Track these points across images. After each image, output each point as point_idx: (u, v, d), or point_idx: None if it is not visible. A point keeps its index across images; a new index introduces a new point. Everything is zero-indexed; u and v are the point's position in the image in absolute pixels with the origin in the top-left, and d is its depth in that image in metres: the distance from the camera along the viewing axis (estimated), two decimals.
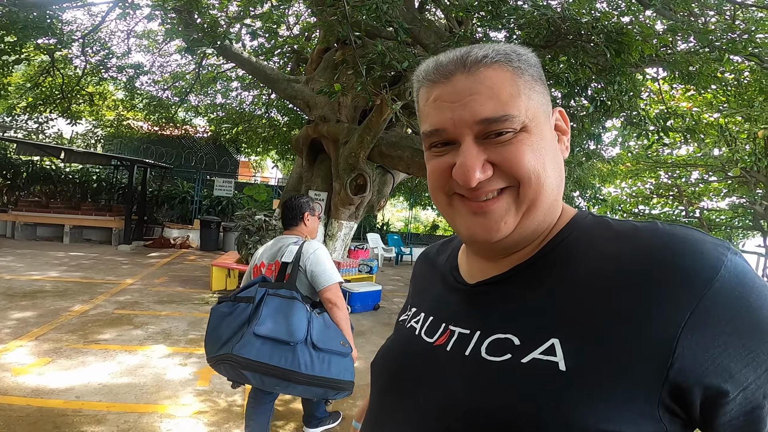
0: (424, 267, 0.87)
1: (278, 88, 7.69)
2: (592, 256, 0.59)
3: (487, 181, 0.59)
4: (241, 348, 2.02)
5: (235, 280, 7.59)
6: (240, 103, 14.02)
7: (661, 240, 0.55)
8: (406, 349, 0.72)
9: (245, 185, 14.32)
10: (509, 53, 0.61)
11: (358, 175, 6.37)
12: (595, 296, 0.54)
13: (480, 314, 0.64)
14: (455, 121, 0.59)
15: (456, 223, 0.65)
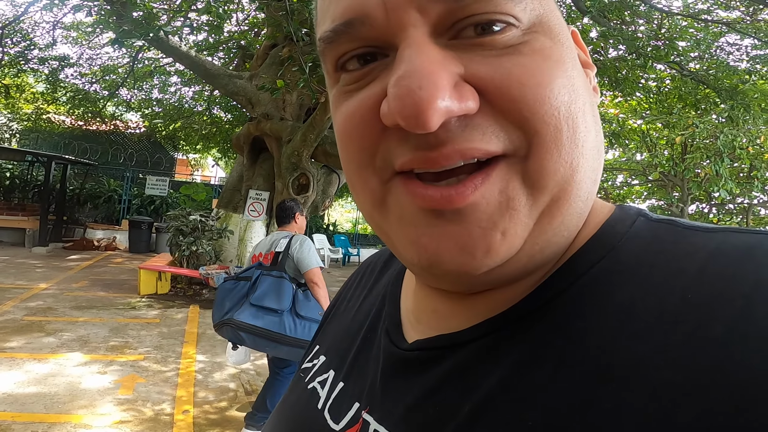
0: (358, 288, 0.54)
1: (219, 83, 7.40)
2: (647, 312, 0.27)
3: (462, 124, 0.28)
4: (240, 314, 2.66)
5: (167, 283, 7.19)
6: (179, 99, 13.39)
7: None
8: (300, 428, 0.44)
9: (182, 184, 13.69)
10: None
11: (300, 175, 6.24)
12: (647, 404, 0.24)
13: (413, 405, 0.34)
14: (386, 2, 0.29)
15: (394, 236, 0.33)
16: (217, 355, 4.68)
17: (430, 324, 0.37)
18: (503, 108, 0.27)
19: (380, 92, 0.29)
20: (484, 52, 0.28)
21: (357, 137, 0.31)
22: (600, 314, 0.28)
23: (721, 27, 6.78)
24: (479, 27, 0.28)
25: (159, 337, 5.06)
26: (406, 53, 0.28)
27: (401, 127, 0.27)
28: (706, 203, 13.34)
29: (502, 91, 0.27)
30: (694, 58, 6.31)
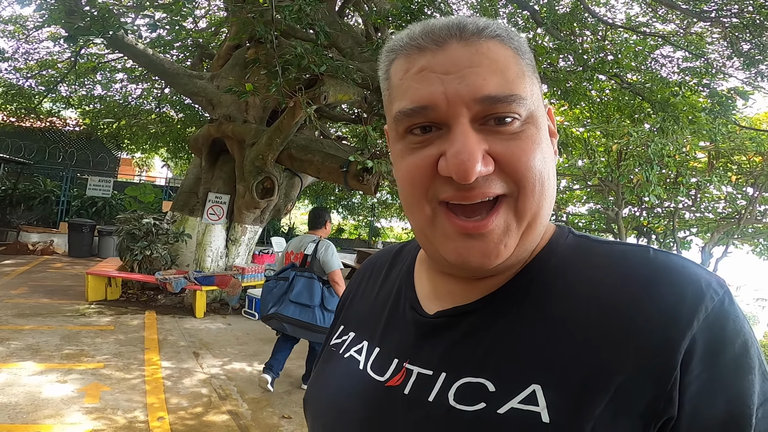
0: (370, 281, 0.71)
1: (177, 83, 7.20)
2: (579, 287, 0.50)
3: (485, 179, 0.46)
4: (284, 309, 3.57)
5: (118, 289, 6.92)
6: (124, 96, 12.77)
7: (654, 274, 0.47)
8: (349, 387, 0.58)
9: (127, 185, 13.09)
10: (509, 30, 0.51)
11: (265, 178, 6.21)
12: (586, 336, 0.46)
13: (445, 352, 0.53)
14: (448, 97, 0.46)
15: (439, 245, 0.51)
16: (183, 361, 4.62)
17: (447, 300, 0.57)
18: (507, 170, 0.48)
19: (437, 153, 0.48)
20: (500, 136, 0.47)
21: (419, 180, 0.50)
22: (554, 291, 0.51)
23: (657, 40, 7.43)
24: (498, 119, 0.47)
25: (116, 345, 4.91)
26: (459, 134, 0.47)
27: (450, 179, 0.47)
28: (638, 207, 14.41)
29: (507, 162, 0.47)
30: (633, 70, 6.85)
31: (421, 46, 0.49)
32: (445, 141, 0.47)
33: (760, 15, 6.02)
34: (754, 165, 12.45)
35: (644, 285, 0.47)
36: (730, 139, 10.49)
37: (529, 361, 0.47)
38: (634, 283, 0.48)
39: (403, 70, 0.50)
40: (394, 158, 0.54)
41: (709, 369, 0.44)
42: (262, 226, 7.34)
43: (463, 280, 0.55)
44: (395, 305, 0.62)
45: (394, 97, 0.51)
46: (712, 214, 14.62)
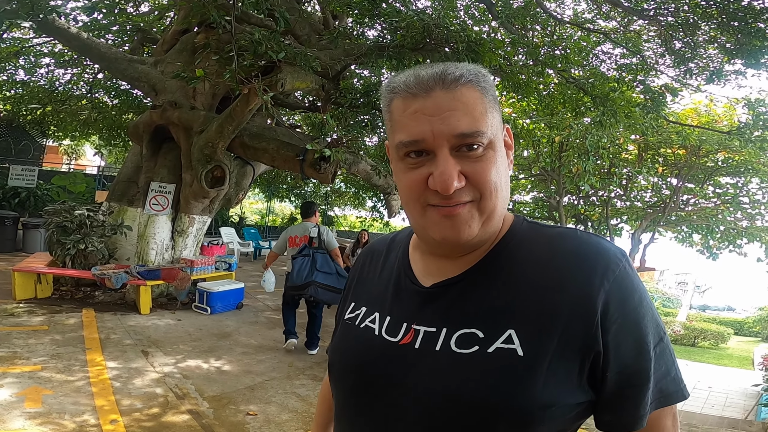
0: (371, 264, 0.90)
1: (116, 68, 6.70)
2: (531, 259, 0.71)
3: (458, 190, 0.66)
4: (316, 277, 4.65)
5: (49, 286, 6.40)
6: (51, 81, 11.74)
7: (580, 246, 0.70)
8: (368, 349, 0.76)
9: (54, 174, 12.12)
10: (477, 74, 0.69)
11: (215, 167, 5.93)
12: (538, 293, 0.67)
13: (442, 313, 0.72)
14: (434, 133, 0.66)
15: (428, 229, 0.71)
16: (130, 360, 4.36)
17: (438, 275, 0.76)
18: (473, 183, 0.68)
19: (426, 173, 0.68)
20: (468, 159, 0.67)
21: (416, 190, 0.70)
22: (516, 262, 0.72)
23: (600, 36, 7.80)
24: (468, 147, 0.67)
25: (53, 345, 4.55)
26: (441, 160, 0.67)
27: (436, 190, 0.67)
28: (576, 196, 15.22)
29: (473, 178, 0.68)
30: (578, 66, 7.17)
31: (415, 93, 0.68)
32: (432, 164, 0.67)
33: (694, 14, 6.46)
34: (679, 157, 13.48)
35: (573, 255, 0.70)
36: (658, 133, 11.28)
37: (504, 313, 0.68)
38: (566, 255, 0.70)
39: (401, 109, 0.70)
40: (396, 172, 0.74)
41: (621, 315, 0.66)
42: (211, 216, 7.04)
43: (448, 259, 0.76)
44: (397, 282, 0.81)
45: (396, 129, 0.71)
46: (641, 203, 15.70)
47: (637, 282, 0.68)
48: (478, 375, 0.65)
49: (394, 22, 4.83)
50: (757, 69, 7.34)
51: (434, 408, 0.67)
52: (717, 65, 7.85)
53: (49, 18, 5.67)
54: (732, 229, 14.13)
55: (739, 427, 6.26)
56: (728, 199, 13.99)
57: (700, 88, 9.53)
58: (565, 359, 0.64)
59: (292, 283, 4.78)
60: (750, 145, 9.24)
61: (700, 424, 5.77)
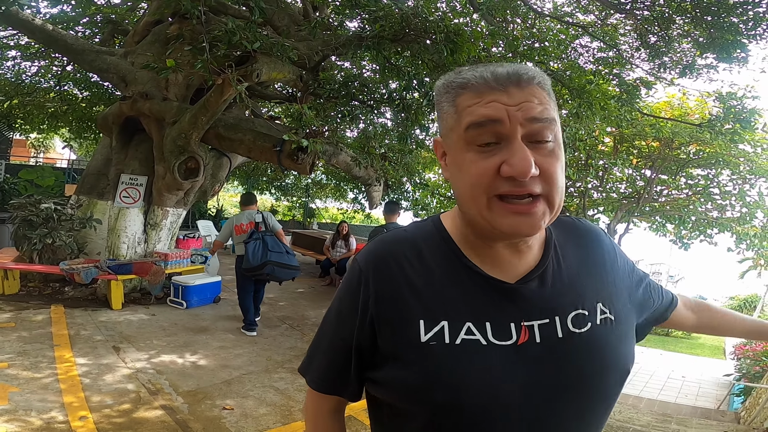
0: (408, 271, 0.79)
1: (83, 60, 6.47)
2: (570, 246, 0.85)
3: (532, 179, 0.68)
4: (271, 257, 5.13)
5: (16, 282, 6.18)
6: (17, 74, 11.33)
7: (592, 228, 0.91)
8: (485, 361, 0.72)
9: (21, 168, 11.73)
10: (546, 79, 0.74)
11: (188, 158, 5.78)
12: (594, 271, 0.84)
13: (545, 304, 0.76)
14: (510, 116, 0.68)
15: (495, 222, 0.70)
16: (101, 356, 4.24)
17: (510, 269, 0.78)
18: (544, 177, 0.69)
19: (499, 161, 0.68)
20: (540, 152, 0.69)
21: (486, 179, 0.69)
22: (566, 250, 0.84)
23: (578, 30, 7.85)
24: (539, 141, 0.69)
25: (20, 342, 4.40)
26: (518, 148, 0.68)
27: (509, 177, 0.68)
28: None
29: (545, 171, 0.69)
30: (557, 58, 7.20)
31: (491, 86, 0.70)
32: (505, 152, 0.68)
33: (669, 8, 6.55)
34: (653, 149, 13.76)
35: (596, 234, 0.90)
36: (632, 126, 11.47)
37: (586, 289, 0.80)
38: (586, 234, 0.89)
39: (473, 100, 0.70)
40: (460, 163, 0.73)
41: (631, 270, 0.92)
42: (186, 208, 6.89)
43: (510, 249, 0.77)
44: (471, 282, 0.77)
45: (464, 116, 0.71)
46: (616, 194, 16.00)
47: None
48: (611, 345, 0.77)
49: (372, 12, 4.76)
50: (729, 63, 7.50)
51: (586, 385, 0.74)
52: (690, 59, 8.00)
53: (11, 10, 5.46)
54: (703, 220, 14.50)
55: (712, 417, 6.44)
56: (699, 190, 14.36)
57: (673, 81, 9.72)
58: (630, 314, 0.85)
59: (248, 265, 5.16)
60: (720, 137, 9.46)
61: (675, 414, 5.91)
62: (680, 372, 13.23)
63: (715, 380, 12.46)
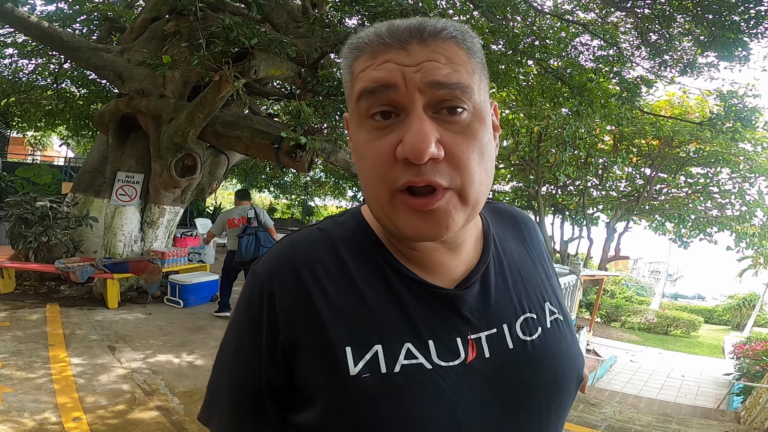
0: (330, 284, 0.61)
1: (79, 57, 6.42)
2: (509, 238, 0.74)
3: (434, 164, 0.53)
4: (262, 252, 4.77)
5: (12, 281, 6.13)
6: (14, 72, 11.30)
7: (528, 217, 0.81)
8: (435, 388, 0.56)
9: (18, 165, 11.67)
10: (463, 31, 0.57)
11: (185, 156, 5.74)
12: (533, 265, 0.73)
13: (489, 311, 0.63)
14: (406, 80, 0.53)
15: (397, 221, 0.56)
16: (96, 356, 4.19)
17: (446, 272, 0.63)
18: (453, 163, 0.54)
19: (396, 141, 0.53)
20: (451, 127, 0.54)
21: (381, 165, 0.54)
22: (501, 237, 0.72)
23: (578, 27, 7.81)
24: (450, 109, 0.54)
25: (14, 342, 4.35)
26: (415, 119, 0.52)
27: (406, 161, 0.52)
28: (554, 186, 15.40)
29: (454, 154, 0.54)
30: (557, 57, 7.17)
31: (387, 43, 0.55)
32: (403, 127, 0.53)
33: (670, 6, 6.51)
34: (652, 148, 13.74)
35: (531, 226, 0.79)
36: (633, 124, 11.45)
37: (533, 291, 0.69)
38: (525, 225, 0.79)
39: (367, 63, 0.55)
40: (357, 145, 0.58)
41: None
42: (183, 206, 6.84)
43: (445, 252, 0.63)
44: (401, 296, 0.60)
45: (357, 82, 0.56)
46: (615, 192, 16.00)
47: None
48: (565, 349, 0.67)
49: (371, 8, 4.71)
50: (730, 61, 7.47)
51: (545, 399, 0.63)
52: (691, 57, 7.96)
53: (7, 7, 5.41)
54: (702, 218, 14.51)
55: (712, 417, 6.41)
56: (699, 188, 14.35)
57: (674, 79, 9.69)
58: (560, 303, 0.74)
59: (240, 258, 5.60)
60: (721, 135, 9.43)
61: (675, 414, 5.89)
62: (679, 371, 13.24)
63: (714, 379, 12.47)
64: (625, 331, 20.06)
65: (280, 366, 0.59)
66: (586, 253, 16.18)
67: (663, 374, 12.99)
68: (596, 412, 4.93)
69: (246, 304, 0.63)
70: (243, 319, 0.63)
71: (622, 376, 12.75)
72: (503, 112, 10.00)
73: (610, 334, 18.72)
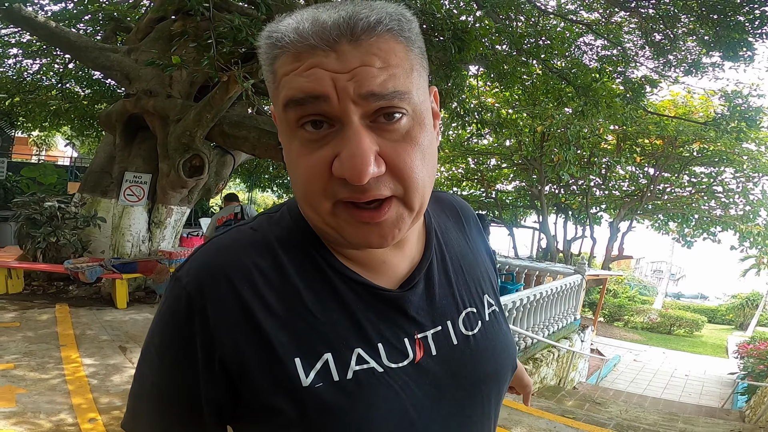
0: (269, 291, 0.56)
1: (86, 57, 6.46)
2: (451, 230, 0.74)
3: (376, 180, 0.50)
4: None
5: (20, 281, 6.16)
6: (19, 72, 11.32)
7: (467, 206, 0.82)
8: (388, 391, 0.56)
9: (23, 165, 11.72)
10: (401, 20, 0.51)
11: (193, 156, 5.77)
12: (475, 257, 0.74)
13: (434, 309, 0.63)
14: (338, 91, 0.48)
15: (342, 231, 0.54)
16: (108, 357, 4.22)
17: (389, 272, 0.62)
18: (395, 173, 0.51)
19: (331, 155, 0.49)
20: (389, 135, 0.51)
21: (316, 181, 0.51)
22: (445, 237, 0.71)
23: (582, 27, 7.81)
24: (387, 116, 0.50)
25: (25, 343, 4.38)
26: (352, 135, 0.49)
27: (341, 177, 0.49)
28: (557, 185, 15.41)
29: (395, 165, 0.51)
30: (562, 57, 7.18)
31: (312, 44, 0.48)
32: (338, 140, 0.49)
33: (675, 6, 6.51)
34: (656, 147, 13.74)
35: (470, 216, 0.80)
36: (636, 124, 11.45)
37: (473, 284, 0.70)
38: (465, 215, 0.79)
39: (289, 66, 0.50)
40: (289, 154, 0.54)
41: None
42: (190, 206, 6.88)
43: (388, 251, 0.61)
44: (346, 299, 0.58)
45: (282, 87, 0.51)
46: (619, 192, 16.00)
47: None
48: (502, 340, 0.70)
49: None
50: (735, 61, 7.47)
51: (488, 390, 0.66)
52: (695, 57, 7.97)
53: (14, 6, 5.44)
54: (706, 218, 14.51)
55: (717, 416, 6.43)
56: (703, 188, 14.35)
57: (678, 79, 9.69)
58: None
59: None
60: (726, 135, 9.43)
61: (680, 413, 5.90)
62: (683, 370, 13.24)
63: (718, 379, 12.48)
64: (628, 330, 20.07)
65: (219, 382, 0.55)
66: (589, 253, 16.18)
67: (667, 373, 13.00)
68: (603, 411, 4.95)
69: (170, 315, 0.56)
70: (168, 332, 0.57)
71: (626, 375, 12.77)
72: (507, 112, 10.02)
73: (613, 333, 18.74)
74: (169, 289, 0.57)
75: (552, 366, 7.07)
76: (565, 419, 3.83)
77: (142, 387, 0.60)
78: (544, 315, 6.93)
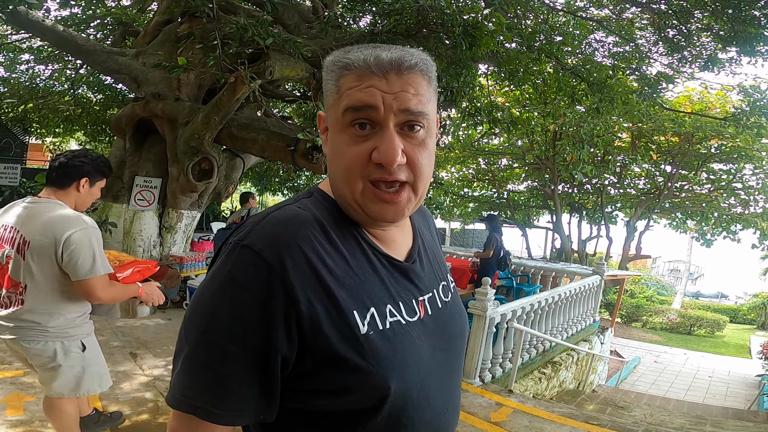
0: (328, 258, 0.71)
1: (94, 60, 6.46)
2: (422, 225, 0.95)
3: (399, 167, 0.71)
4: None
5: None
6: (31, 78, 11.43)
7: (422, 207, 1.01)
8: (413, 340, 0.76)
9: (38, 171, 11.82)
10: (428, 65, 0.75)
11: (202, 159, 5.71)
12: (437, 246, 0.98)
13: (425, 278, 0.85)
14: (385, 104, 0.70)
15: (366, 207, 0.74)
16: (118, 363, 4.18)
17: (398, 248, 0.84)
18: (411, 166, 0.73)
19: (371, 147, 0.71)
20: (410, 140, 0.73)
21: (358, 164, 0.72)
22: (422, 226, 0.95)
23: (592, 24, 7.65)
24: (410, 127, 0.72)
25: None
26: (388, 136, 0.71)
27: (379, 164, 0.71)
28: (570, 185, 15.17)
29: (412, 160, 0.73)
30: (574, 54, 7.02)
31: (372, 71, 0.70)
32: (378, 138, 0.71)
33: (687, 2, 6.33)
34: (672, 144, 13.44)
35: (428, 214, 1.03)
36: (652, 120, 11.20)
37: (439, 266, 0.93)
38: (425, 213, 1.01)
39: (353, 82, 0.71)
40: (337, 145, 0.75)
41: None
42: (200, 210, 6.83)
43: (398, 232, 0.84)
44: (376, 266, 0.77)
45: (343, 98, 0.72)
46: (634, 190, 15.69)
47: None
48: (461, 307, 0.94)
49: (386, 6, 4.64)
50: (753, 56, 7.26)
51: (460, 344, 0.90)
52: (710, 52, 7.75)
53: (18, 9, 5.44)
54: (726, 216, 14.14)
55: (744, 418, 6.20)
56: (722, 185, 14.00)
57: (693, 75, 9.47)
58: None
59: None
60: (746, 131, 9.18)
61: (707, 415, 5.69)
62: (706, 371, 12.91)
63: (742, 379, 12.14)
64: (647, 331, 19.68)
65: (292, 337, 0.67)
66: (605, 252, 15.88)
67: (689, 375, 12.68)
68: (626, 416, 4.78)
69: (245, 279, 0.66)
70: (243, 294, 0.66)
71: (647, 377, 12.48)
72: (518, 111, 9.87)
73: (631, 334, 18.38)
74: (239, 256, 0.68)
75: (571, 369, 6.90)
76: (590, 426, 3.68)
77: (210, 362, 0.66)
78: (563, 317, 6.75)
